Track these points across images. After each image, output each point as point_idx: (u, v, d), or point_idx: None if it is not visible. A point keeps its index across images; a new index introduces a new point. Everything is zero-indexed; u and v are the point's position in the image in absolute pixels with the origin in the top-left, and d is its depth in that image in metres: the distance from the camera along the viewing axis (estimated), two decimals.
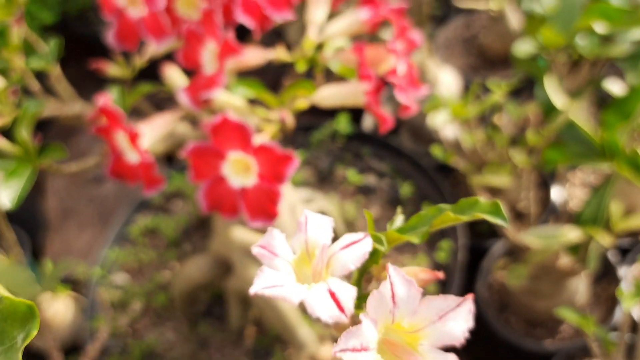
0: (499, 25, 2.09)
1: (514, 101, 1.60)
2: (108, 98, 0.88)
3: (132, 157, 0.88)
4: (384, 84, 0.94)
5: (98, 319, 1.60)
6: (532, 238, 1.26)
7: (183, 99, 0.89)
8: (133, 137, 0.86)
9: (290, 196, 1.29)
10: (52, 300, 1.83)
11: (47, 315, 1.79)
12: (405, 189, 1.82)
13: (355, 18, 0.98)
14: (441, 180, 1.81)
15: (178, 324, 1.67)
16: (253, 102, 0.96)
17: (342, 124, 1.89)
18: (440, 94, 1.93)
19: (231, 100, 0.89)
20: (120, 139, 0.88)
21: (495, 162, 1.56)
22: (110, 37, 0.94)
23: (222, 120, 0.79)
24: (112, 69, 1.12)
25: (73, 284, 2.02)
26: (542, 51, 1.28)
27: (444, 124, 1.59)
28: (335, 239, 0.48)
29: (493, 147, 1.61)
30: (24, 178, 0.92)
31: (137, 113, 1.09)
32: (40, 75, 1.16)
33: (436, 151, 1.70)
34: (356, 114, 2.00)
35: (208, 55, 0.92)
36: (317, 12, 1.03)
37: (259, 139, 0.86)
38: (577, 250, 1.15)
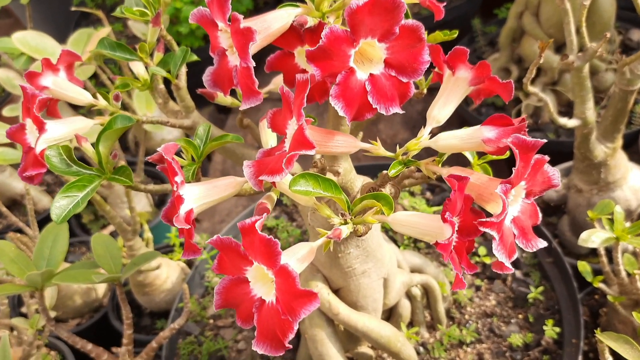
0: None
1: None
2: (172, 148, 0.79)
3: (179, 212, 0.78)
4: (472, 240, 0.72)
5: (190, 300, 1.60)
6: None
7: (246, 173, 0.76)
8: (178, 201, 0.76)
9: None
10: (168, 265, 1.88)
11: (161, 277, 1.84)
12: (535, 292, 1.52)
13: (476, 134, 0.76)
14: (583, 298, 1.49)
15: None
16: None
17: None
18: (616, 201, 1.56)
19: (295, 195, 0.74)
20: (172, 194, 0.79)
21: None
22: (206, 76, 0.84)
23: (250, 229, 0.65)
24: (221, 98, 1.03)
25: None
26: None
27: (600, 246, 1.26)
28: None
29: None
30: (83, 192, 0.87)
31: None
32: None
33: (582, 268, 1.38)
34: None
35: (291, 130, 0.78)
36: (443, 109, 0.83)
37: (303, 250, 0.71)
38: None
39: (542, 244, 0.75)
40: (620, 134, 1.49)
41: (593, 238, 1.26)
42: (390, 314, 1.46)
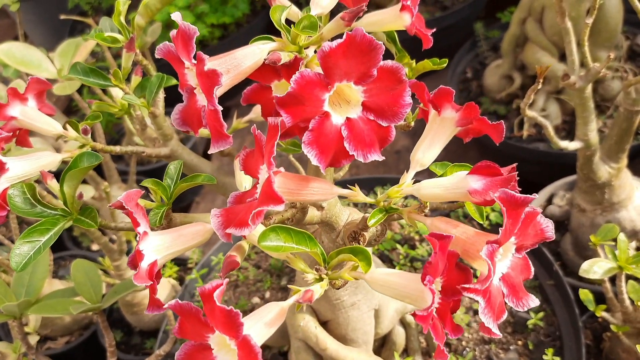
0: None
1: None
2: (135, 196, 0.73)
3: (139, 268, 0.73)
4: (457, 300, 0.66)
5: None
6: None
7: (214, 223, 0.70)
8: (139, 256, 0.70)
9: None
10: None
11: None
12: (535, 318, 1.46)
13: (462, 184, 0.69)
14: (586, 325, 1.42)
15: None
16: None
17: None
18: (620, 222, 1.50)
19: (266, 247, 0.68)
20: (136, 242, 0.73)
21: None
22: (174, 114, 0.78)
23: (209, 297, 0.60)
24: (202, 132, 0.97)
25: (183, 265, 2.01)
26: None
27: (603, 277, 1.20)
28: None
29: None
30: (46, 236, 0.82)
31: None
32: None
33: (584, 296, 1.32)
34: None
35: (263, 176, 0.72)
36: (428, 151, 0.76)
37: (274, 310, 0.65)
38: None
39: (534, 302, 0.69)
40: (625, 153, 1.42)
41: (595, 268, 1.19)
42: (383, 342, 1.40)
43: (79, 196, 0.87)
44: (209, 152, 0.75)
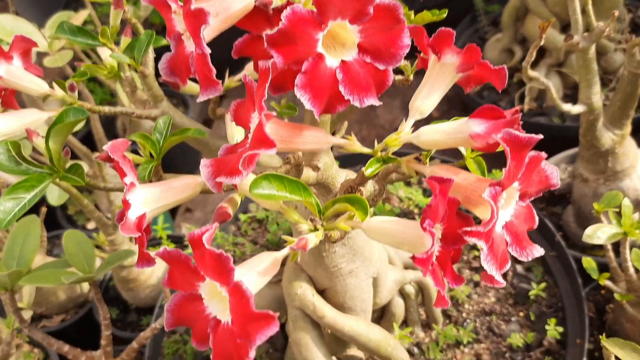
0: None
1: None
2: (122, 146, 0.70)
3: (126, 218, 0.70)
4: (458, 249, 0.63)
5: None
6: None
7: (204, 173, 0.67)
8: (125, 205, 0.68)
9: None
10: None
11: (145, 272, 1.76)
12: (537, 289, 1.43)
13: (463, 128, 0.66)
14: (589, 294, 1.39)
15: None
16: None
17: None
18: (624, 192, 1.46)
19: (258, 195, 0.65)
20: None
21: None
22: (162, 64, 0.75)
23: (198, 242, 0.57)
24: (189, 87, 0.94)
25: (180, 242, 1.99)
26: None
27: (607, 242, 1.17)
28: None
29: None
30: (32, 193, 0.79)
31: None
32: None
33: (587, 264, 1.29)
34: None
35: (254, 124, 0.69)
36: (427, 99, 0.73)
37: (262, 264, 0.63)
38: None
39: (539, 251, 0.67)
40: (630, 119, 1.38)
41: (599, 234, 1.16)
42: (382, 313, 1.38)
43: (65, 153, 0.84)
44: (198, 100, 0.72)
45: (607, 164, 1.44)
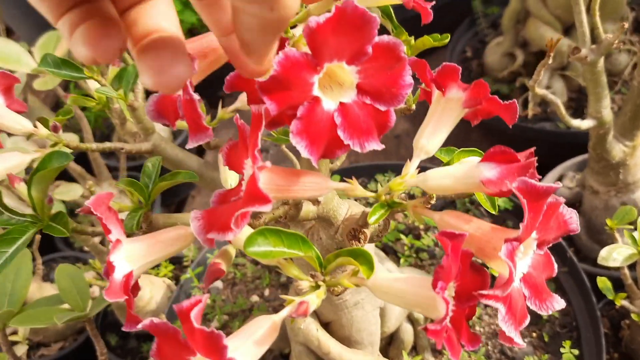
0: None
1: None
2: (106, 199, 0.65)
3: (111, 280, 0.65)
4: (473, 305, 0.58)
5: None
6: None
7: (194, 226, 0.62)
8: (110, 267, 0.63)
9: None
10: (151, 284, 1.75)
11: (144, 298, 1.72)
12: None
13: (474, 173, 0.61)
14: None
15: None
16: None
17: None
18: (637, 204, 1.41)
19: (254, 254, 0.60)
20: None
21: None
22: (149, 106, 0.70)
23: (186, 316, 0.52)
24: (181, 124, 0.89)
25: (179, 263, 1.94)
26: None
27: (623, 264, 1.12)
28: None
29: None
30: (15, 245, 0.74)
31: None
32: None
33: (602, 285, 1.24)
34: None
35: (248, 171, 0.64)
36: (433, 137, 0.68)
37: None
38: None
39: (560, 304, 0.62)
40: None
41: (614, 255, 1.11)
42: (390, 340, 1.33)
43: (49, 200, 0.79)
44: (187, 146, 0.67)
45: (619, 176, 1.39)
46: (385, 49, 0.58)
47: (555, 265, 0.63)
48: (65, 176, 2.16)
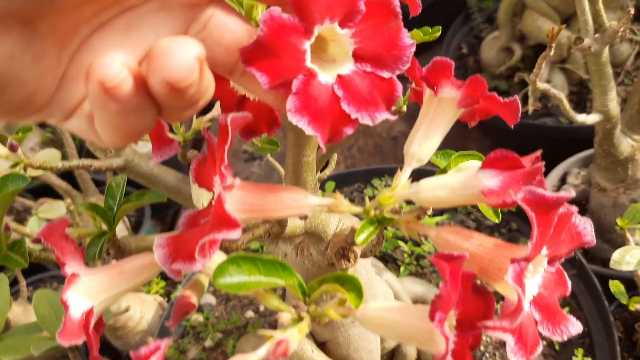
0: None
1: None
2: (59, 228, 0.58)
3: (67, 318, 0.57)
4: (477, 334, 0.50)
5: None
6: None
7: (158, 255, 0.55)
8: (65, 306, 0.55)
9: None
10: (142, 302, 1.68)
11: (134, 318, 1.64)
12: None
13: (473, 183, 0.54)
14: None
15: None
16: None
17: None
18: None
19: (226, 286, 0.53)
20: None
21: None
22: None
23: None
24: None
25: (171, 279, 1.87)
26: None
27: (638, 268, 1.04)
28: None
29: None
30: None
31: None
32: None
33: (615, 288, 1.17)
34: None
35: (217, 190, 0.57)
36: (425, 142, 0.61)
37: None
38: None
39: (576, 327, 0.54)
40: None
41: (627, 258, 1.04)
42: (392, 355, 1.26)
43: (5, 228, 0.72)
44: (151, 162, 0.60)
45: (627, 172, 1.32)
46: (379, 3, 0.50)
47: (569, 282, 0.56)
48: (50, 193, 2.09)
